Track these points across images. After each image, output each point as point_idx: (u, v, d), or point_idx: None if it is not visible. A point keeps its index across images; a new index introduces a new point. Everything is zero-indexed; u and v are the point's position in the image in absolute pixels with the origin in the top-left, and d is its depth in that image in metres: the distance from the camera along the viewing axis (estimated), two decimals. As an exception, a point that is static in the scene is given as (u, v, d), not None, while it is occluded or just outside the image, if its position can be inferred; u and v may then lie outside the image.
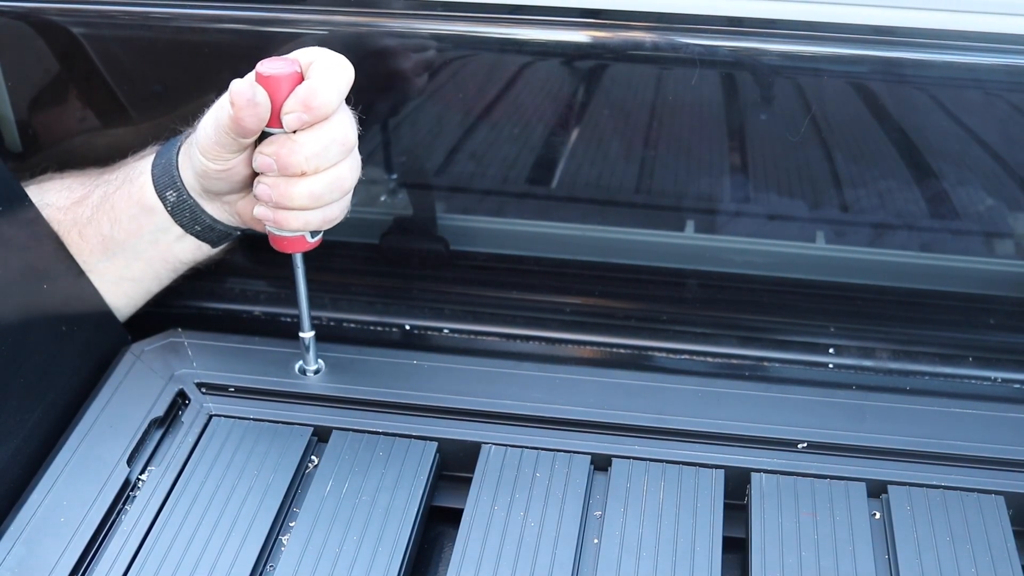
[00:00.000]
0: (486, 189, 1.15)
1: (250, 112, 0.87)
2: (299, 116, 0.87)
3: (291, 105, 0.87)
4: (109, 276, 1.04)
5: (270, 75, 0.87)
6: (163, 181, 0.98)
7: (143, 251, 1.02)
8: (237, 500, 0.91)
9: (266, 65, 0.88)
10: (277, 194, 0.90)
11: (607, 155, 1.10)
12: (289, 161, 0.88)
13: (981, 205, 1.06)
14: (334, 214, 0.93)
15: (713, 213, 1.11)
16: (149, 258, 1.02)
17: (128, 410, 0.98)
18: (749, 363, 1.14)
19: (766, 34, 1.00)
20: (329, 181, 0.90)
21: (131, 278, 1.04)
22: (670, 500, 0.92)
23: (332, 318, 1.18)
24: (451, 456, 0.97)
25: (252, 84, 0.87)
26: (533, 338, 1.16)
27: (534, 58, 1.05)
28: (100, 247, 1.02)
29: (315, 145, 0.88)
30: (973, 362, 1.12)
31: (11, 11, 1.08)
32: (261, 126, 0.88)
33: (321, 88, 0.87)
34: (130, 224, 1.00)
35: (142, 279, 1.04)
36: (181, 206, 0.98)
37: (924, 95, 1.02)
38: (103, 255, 1.02)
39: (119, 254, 1.02)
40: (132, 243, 1.01)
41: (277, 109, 0.88)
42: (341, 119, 0.89)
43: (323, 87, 0.87)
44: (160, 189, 0.98)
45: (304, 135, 0.88)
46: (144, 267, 1.03)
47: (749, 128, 1.06)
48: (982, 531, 0.90)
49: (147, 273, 1.03)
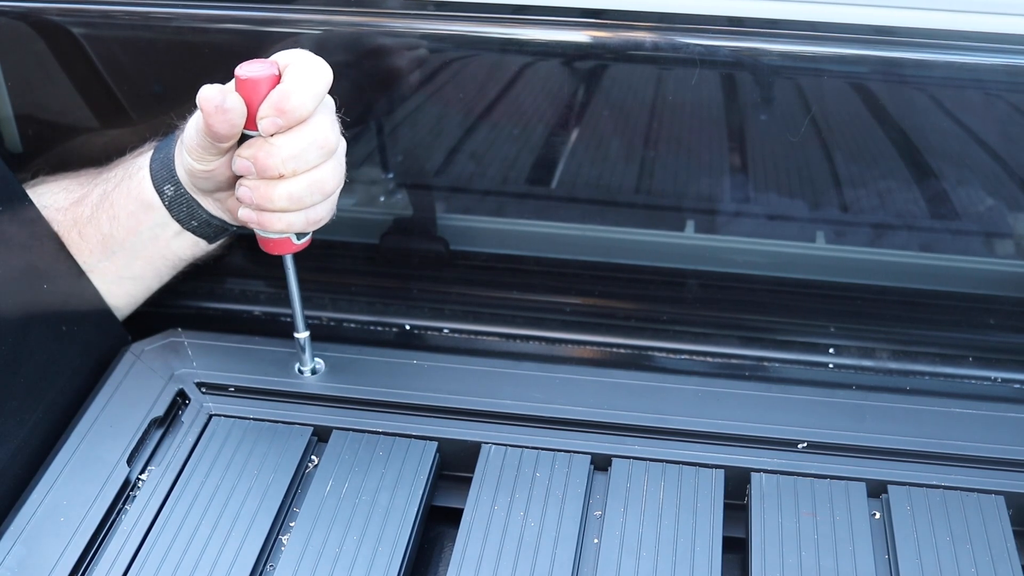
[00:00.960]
0: (486, 189, 1.15)
1: (220, 118, 0.86)
2: (273, 120, 0.87)
3: (265, 110, 0.86)
4: (110, 275, 1.04)
5: (247, 78, 0.86)
6: (161, 175, 0.98)
7: (142, 248, 1.02)
8: (237, 500, 0.91)
9: (245, 68, 0.87)
10: (257, 196, 0.90)
11: (607, 155, 1.10)
12: (266, 164, 0.88)
13: (981, 205, 1.06)
14: (318, 216, 0.92)
15: (713, 213, 1.11)
16: (149, 255, 1.02)
17: (128, 410, 0.98)
18: (749, 363, 1.14)
19: (766, 34, 1.00)
20: (308, 183, 0.89)
21: (132, 276, 1.04)
22: (670, 500, 0.92)
23: (332, 318, 1.18)
24: (451, 456, 0.97)
25: (221, 90, 0.86)
26: (533, 338, 1.16)
27: (534, 58, 1.05)
28: (100, 246, 1.02)
29: (292, 148, 0.88)
30: (973, 362, 1.12)
31: (11, 11, 1.08)
32: (235, 131, 0.88)
33: (295, 91, 0.86)
34: (129, 221, 1.00)
35: (143, 276, 1.04)
36: (178, 200, 0.98)
37: (924, 95, 1.02)
38: (103, 254, 1.03)
39: (119, 252, 1.02)
40: (131, 241, 1.01)
41: (255, 112, 0.87)
42: (320, 121, 0.88)
43: (297, 90, 0.86)
44: (158, 184, 0.98)
45: (281, 138, 0.87)
46: (144, 265, 1.03)
47: (749, 128, 1.06)
48: (982, 531, 0.90)
49: (147, 271, 1.04)
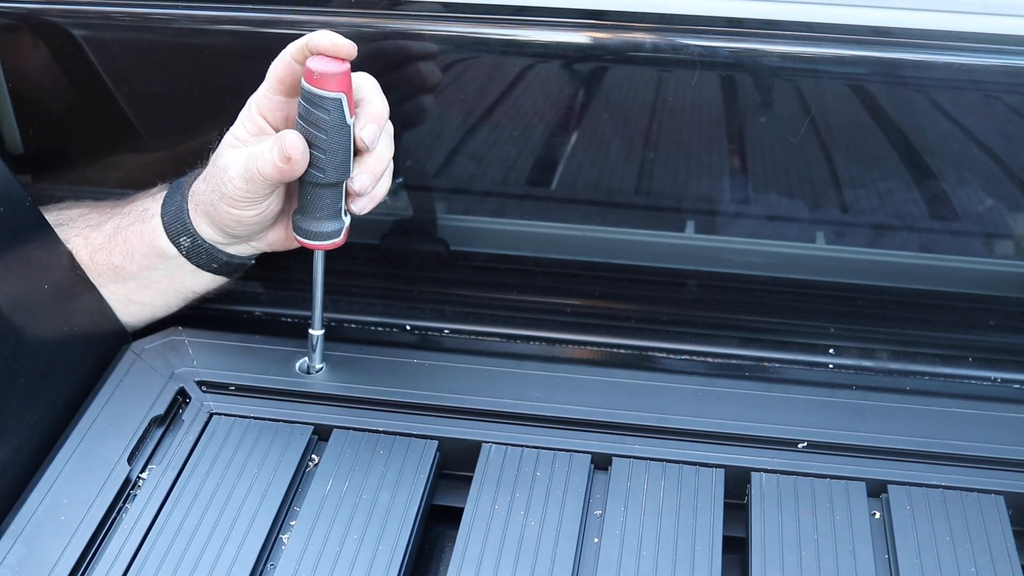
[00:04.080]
0: (487, 190, 1.15)
1: (302, 164, 0.90)
2: (375, 132, 0.92)
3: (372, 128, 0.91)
4: (119, 296, 1.04)
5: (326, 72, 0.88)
6: (175, 228, 0.98)
7: (155, 282, 1.02)
8: (238, 498, 0.91)
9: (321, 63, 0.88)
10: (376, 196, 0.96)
11: (607, 156, 1.10)
12: (378, 169, 0.94)
13: (981, 205, 1.06)
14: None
15: (713, 214, 1.11)
16: (161, 288, 1.03)
17: (129, 408, 0.98)
18: (749, 363, 1.14)
19: (766, 35, 1.00)
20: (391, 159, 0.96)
21: (140, 302, 1.04)
22: (670, 499, 0.92)
23: (333, 318, 1.18)
24: (452, 455, 0.97)
25: (301, 138, 0.90)
26: (533, 338, 1.16)
27: (535, 59, 1.05)
28: (111, 273, 1.03)
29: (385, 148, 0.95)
30: (973, 362, 1.12)
31: (11, 12, 1.08)
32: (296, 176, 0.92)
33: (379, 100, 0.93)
34: (143, 260, 1.01)
35: (151, 304, 1.05)
36: (196, 250, 0.99)
37: (923, 96, 1.02)
38: (114, 280, 1.03)
39: (130, 281, 1.03)
40: (144, 275, 1.02)
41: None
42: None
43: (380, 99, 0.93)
44: (173, 236, 0.99)
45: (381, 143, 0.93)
46: (155, 295, 1.03)
47: (749, 129, 1.06)
48: (982, 531, 0.90)
49: (157, 300, 1.04)
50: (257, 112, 0.93)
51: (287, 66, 0.91)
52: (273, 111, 0.93)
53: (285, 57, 0.91)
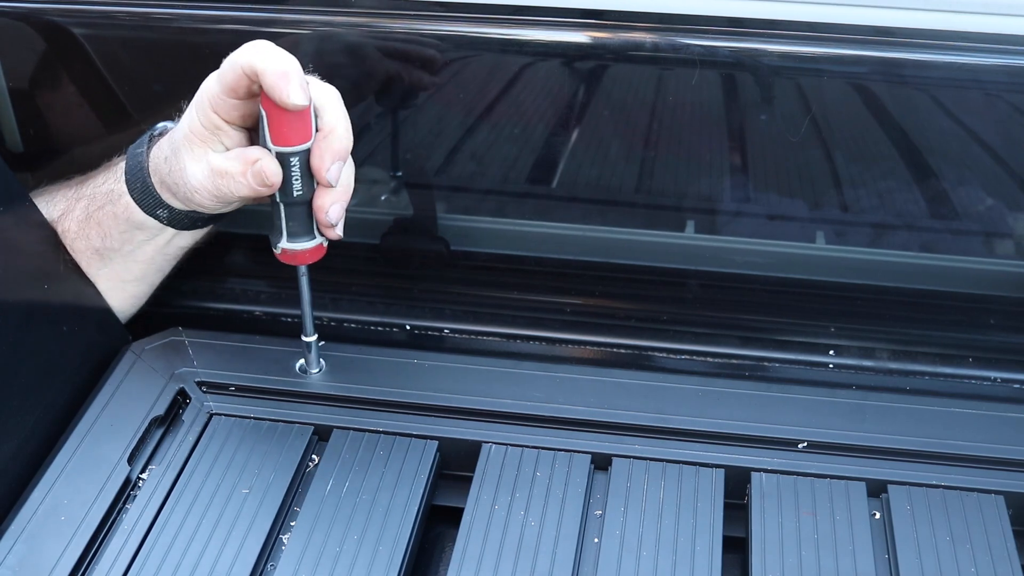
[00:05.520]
0: (487, 189, 1.15)
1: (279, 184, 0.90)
2: (339, 168, 0.90)
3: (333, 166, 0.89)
4: (110, 281, 1.04)
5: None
6: (148, 204, 0.97)
7: (140, 253, 1.02)
8: (238, 499, 0.91)
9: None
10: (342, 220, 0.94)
11: (607, 155, 1.10)
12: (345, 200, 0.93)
13: (981, 205, 1.06)
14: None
15: (713, 213, 1.11)
16: (147, 257, 1.02)
17: (129, 409, 0.98)
18: (749, 363, 1.14)
19: (766, 35, 1.00)
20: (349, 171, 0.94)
21: (132, 279, 1.04)
22: (670, 499, 0.92)
23: (333, 318, 1.18)
24: (451, 455, 0.97)
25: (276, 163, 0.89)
26: (534, 338, 1.16)
27: (535, 59, 1.05)
28: (95, 257, 1.02)
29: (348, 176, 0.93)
30: (973, 362, 1.12)
31: (11, 11, 1.08)
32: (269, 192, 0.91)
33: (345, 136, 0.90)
34: (122, 236, 1.00)
35: (144, 276, 1.04)
36: (176, 216, 0.98)
37: (924, 96, 1.02)
38: (100, 264, 1.03)
39: (115, 259, 1.02)
40: (127, 249, 1.01)
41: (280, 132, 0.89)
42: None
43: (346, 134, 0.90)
44: (148, 210, 0.98)
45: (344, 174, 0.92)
46: (144, 266, 1.03)
47: (749, 128, 1.06)
48: (982, 531, 0.90)
49: (148, 270, 1.04)
50: (211, 110, 0.90)
51: (239, 79, 0.87)
52: (228, 111, 0.90)
53: (236, 69, 0.87)
